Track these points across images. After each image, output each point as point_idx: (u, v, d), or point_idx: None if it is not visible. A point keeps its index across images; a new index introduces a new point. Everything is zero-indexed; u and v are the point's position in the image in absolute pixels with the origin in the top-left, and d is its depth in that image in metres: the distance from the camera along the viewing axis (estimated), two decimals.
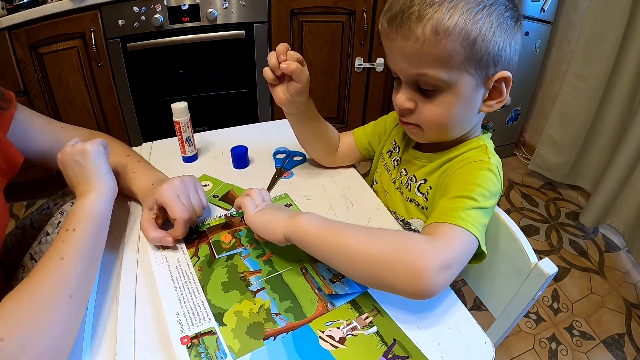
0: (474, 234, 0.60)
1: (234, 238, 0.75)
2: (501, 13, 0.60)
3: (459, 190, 0.64)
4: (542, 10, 2.12)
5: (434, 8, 0.59)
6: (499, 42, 0.61)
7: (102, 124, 2.09)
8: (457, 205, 0.62)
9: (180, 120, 0.93)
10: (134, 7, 1.82)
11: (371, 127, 0.96)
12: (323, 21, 2.08)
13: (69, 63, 1.89)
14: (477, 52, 0.60)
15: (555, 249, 1.98)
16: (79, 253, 0.63)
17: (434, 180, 0.75)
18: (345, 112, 2.42)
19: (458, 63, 0.61)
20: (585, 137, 2.14)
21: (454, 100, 0.65)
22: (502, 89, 0.66)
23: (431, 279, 0.53)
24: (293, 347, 0.56)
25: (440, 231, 0.60)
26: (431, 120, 0.69)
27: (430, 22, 0.59)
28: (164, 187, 0.73)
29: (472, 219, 0.61)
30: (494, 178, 0.67)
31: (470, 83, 0.64)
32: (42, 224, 0.89)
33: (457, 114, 0.67)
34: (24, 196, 2.27)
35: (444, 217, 0.61)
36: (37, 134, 0.82)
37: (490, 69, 0.63)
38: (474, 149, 0.72)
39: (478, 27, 0.59)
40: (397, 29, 0.62)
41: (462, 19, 0.58)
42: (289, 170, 0.96)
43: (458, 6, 0.58)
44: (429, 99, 0.67)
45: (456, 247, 0.58)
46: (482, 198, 0.63)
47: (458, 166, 0.70)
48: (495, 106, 0.68)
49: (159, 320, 0.61)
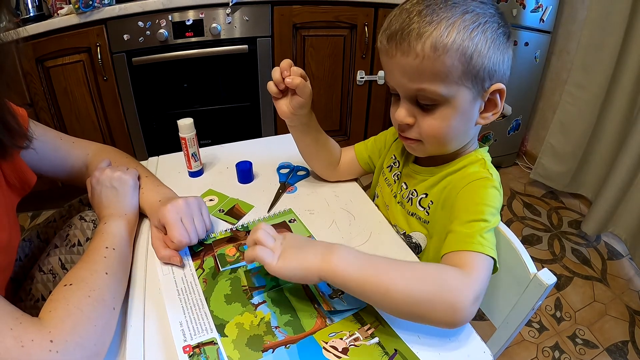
0: (492, 256, 0.63)
1: (238, 252, 0.77)
2: (494, 30, 0.64)
3: (470, 213, 0.66)
4: (541, 21, 2.14)
5: (433, 26, 0.62)
6: (493, 57, 0.64)
7: (107, 136, 2.12)
8: (473, 231, 0.64)
9: (186, 136, 0.95)
10: (139, 22, 1.86)
11: (372, 142, 0.98)
12: (325, 35, 2.10)
13: (75, 76, 1.91)
14: (474, 67, 0.63)
15: (558, 258, 1.98)
16: (120, 269, 0.68)
17: (435, 195, 0.77)
18: (347, 125, 2.44)
19: (456, 78, 0.64)
20: (586, 146, 2.15)
21: (453, 113, 0.67)
22: (497, 101, 0.69)
23: (467, 312, 0.57)
24: (298, 357, 0.58)
25: (466, 262, 0.61)
26: (431, 134, 0.71)
27: (430, 39, 0.62)
28: (168, 208, 0.75)
29: (488, 242, 0.64)
30: (497, 194, 0.69)
31: (467, 96, 0.66)
32: (49, 236, 0.91)
33: (456, 126, 0.70)
34: (30, 207, 2.29)
35: (465, 245, 0.63)
36: (50, 150, 0.85)
37: (485, 83, 0.66)
38: (473, 162, 0.74)
39: (474, 44, 0.62)
40: (397, 46, 0.65)
41: (460, 36, 0.61)
42: (292, 185, 0.97)
43: (455, 24, 0.61)
44: (428, 113, 0.69)
45: (483, 276, 0.61)
46: (491, 217, 0.66)
47: (461, 183, 0.72)
48: (491, 118, 0.71)
49: (164, 328, 0.63)
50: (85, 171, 0.89)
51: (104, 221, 0.75)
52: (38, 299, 0.79)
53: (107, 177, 0.81)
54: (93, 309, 0.58)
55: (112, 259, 0.68)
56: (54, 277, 0.81)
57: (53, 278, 0.81)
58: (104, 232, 0.72)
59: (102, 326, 0.58)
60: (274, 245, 0.63)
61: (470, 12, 0.63)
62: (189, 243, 0.74)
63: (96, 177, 0.81)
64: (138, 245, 0.80)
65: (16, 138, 0.69)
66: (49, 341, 0.51)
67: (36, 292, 0.80)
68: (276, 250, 0.62)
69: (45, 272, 0.80)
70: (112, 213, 0.77)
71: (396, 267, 0.60)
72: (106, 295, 0.62)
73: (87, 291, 0.60)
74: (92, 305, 0.59)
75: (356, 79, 2.25)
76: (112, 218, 0.76)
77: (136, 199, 0.83)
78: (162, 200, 0.80)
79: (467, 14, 0.62)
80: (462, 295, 0.57)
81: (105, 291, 0.62)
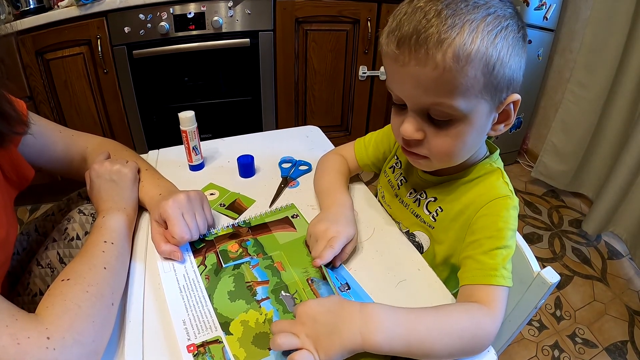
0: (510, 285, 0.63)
1: (240, 248, 0.76)
2: (515, 33, 0.57)
3: (493, 240, 0.65)
4: (544, 19, 2.13)
5: (455, 30, 0.53)
6: (513, 65, 0.58)
7: (107, 130, 2.11)
8: (496, 262, 0.63)
9: (187, 130, 0.94)
10: (140, 15, 1.84)
11: (373, 146, 0.92)
12: (327, 30, 2.09)
13: (75, 69, 1.90)
14: (495, 78, 0.57)
15: (558, 257, 1.98)
16: (119, 264, 0.67)
17: (447, 204, 0.74)
18: (349, 121, 2.43)
19: (477, 91, 0.57)
20: (587, 145, 2.14)
21: (468, 129, 0.61)
22: (510, 112, 0.63)
23: (491, 343, 0.60)
24: None
25: (491, 298, 0.61)
26: (442, 152, 0.64)
27: (452, 47, 0.53)
28: (170, 203, 0.74)
29: (509, 272, 0.63)
30: (516, 214, 0.68)
31: (484, 110, 0.60)
32: (47, 229, 0.90)
33: (469, 142, 0.64)
34: (28, 201, 2.28)
35: (489, 279, 0.62)
36: (49, 144, 0.84)
37: (503, 94, 0.60)
38: (490, 173, 0.71)
39: (497, 51, 0.55)
40: (411, 53, 0.56)
41: (484, 43, 0.54)
42: (294, 180, 0.96)
43: (479, 28, 0.54)
44: (441, 129, 0.62)
45: (504, 307, 0.62)
46: (512, 242, 0.65)
47: (480, 200, 0.68)
48: (503, 129, 0.66)
49: (167, 327, 0.62)
50: (85, 165, 0.88)
51: (103, 215, 0.74)
52: (36, 294, 0.78)
53: (106, 170, 0.80)
54: (91, 305, 0.57)
55: (110, 254, 0.67)
56: (52, 271, 0.80)
57: (51, 272, 0.80)
58: (102, 226, 0.71)
59: (100, 322, 0.57)
60: (302, 342, 0.54)
61: (492, 13, 0.55)
62: (190, 239, 0.74)
63: (95, 170, 0.80)
64: (137, 240, 0.79)
65: (14, 125, 0.67)
66: (45, 338, 0.50)
67: (34, 286, 0.79)
68: (307, 346, 0.54)
69: (43, 266, 0.79)
70: (111, 207, 0.76)
71: (435, 326, 0.57)
72: (105, 290, 0.61)
73: (85, 286, 0.59)
74: (90, 301, 0.57)
75: (358, 74, 2.24)
76: (111, 212, 0.75)
77: (135, 192, 0.82)
78: (163, 194, 0.79)
79: (489, 16, 0.55)
80: (491, 335, 0.59)
81: (103, 286, 0.61)
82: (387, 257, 0.75)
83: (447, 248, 0.74)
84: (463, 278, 0.66)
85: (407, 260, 0.74)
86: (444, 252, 0.75)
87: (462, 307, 0.61)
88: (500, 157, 0.75)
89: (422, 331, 0.56)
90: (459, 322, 0.58)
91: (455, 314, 0.59)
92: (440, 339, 0.56)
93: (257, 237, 0.79)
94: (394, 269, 0.72)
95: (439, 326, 0.57)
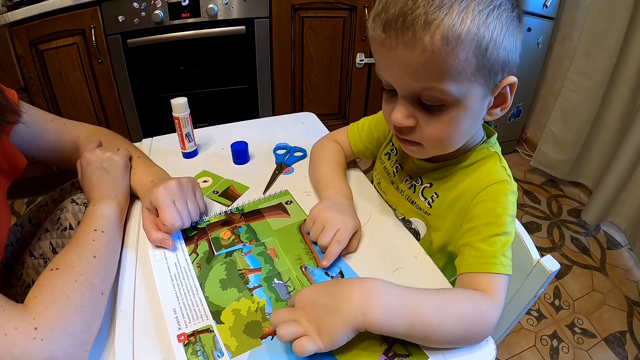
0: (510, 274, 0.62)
1: (233, 235, 0.75)
2: (509, 12, 0.55)
3: (492, 226, 0.63)
4: (544, 6, 2.11)
5: (444, 11, 0.51)
6: (508, 46, 0.55)
7: (102, 120, 2.09)
8: (495, 249, 0.61)
9: (180, 116, 0.92)
10: (134, 3, 1.82)
11: (366, 131, 0.90)
12: (324, 17, 2.07)
13: (69, 60, 1.88)
14: (489, 60, 0.54)
15: (557, 246, 1.97)
16: (109, 253, 0.66)
17: (443, 190, 0.72)
18: (346, 108, 2.41)
19: (469, 74, 0.54)
20: (587, 134, 2.13)
21: (462, 114, 0.59)
22: (507, 95, 0.61)
23: (492, 330, 0.58)
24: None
25: (491, 286, 0.60)
26: (435, 138, 0.62)
27: (440, 29, 0.51)
28: (160, 190, 0.72)
29: (508, 260, 0.62)
30: (514, 199, 0.66)
31: (478, 94, 0.58)
32: (40, 220, 0.89)
33: (464, 128, 0.62)
34: (25, 193, 2.27)
35: (489, 267, 0.61)
36: (40, 132, 0.82)
37: (498, 76, 0.58)
38: (487, 158, 0.69)
39: (490, 32, 0.52)
40: (398, 36, 0.53)
41: (475, 24, 0.51)
42: (289, 166, 0.95)
43: (469, 7, 0.51)
44: (433, 114, 0.60)
45: (505, 295, 0.60)
46: (511, 228, 0.64)
47: (478, 185, 0.67)
48: (499, 114, 0.63)
49: (158, 317, 0.61)
50: (77, 153, 0.87)
51: (94, 203, 0.73)
52: (29, 285, 0.77)
53: (97, 158, 0.78)
54: (80, 295, 0.56)
55: (101, 242, 0.66)
56: (45, 262, 0.79)
57: (44, 263, 0.78)
58: (93, 214, 0.70)
59: (89, 312, 0.56)
60: (304, 329, 0.53)
61: None
62: (181, 226, 0.72)
63: (86, 158, 0.79)
64: (129, 228, 0.77)
65: (6, 114, 0.67)
66: (33, 328, 0.49)
67: (27, 277, 0.78)
68: (310, 331, 0.53)
69: (36, 257, 0.78)
70: (102, 195, 0.75)
71: (437, 309, 0.56)
72: (94, 279, 0.60)
73: (74, 275, 0.58)
74: (79, 291, 0.56)
75: (355, 61, 2.21)
76: (101, 200, 0.74)
77: (127, 180, 0.80)
78: (155, 181, 0.77)
79: None
80: (492, 323, 0.57)
81: (93, 275, 0.60)
82: (383, 245, 0.74)
83: (443, 235, 0.73)
84: (461, 266, 0.64)
85: (403, 248, 0.73)
86: (440, 239, 0.73)
87: (465, 293, 0.60)
88: (498, 141, 0.73)
89: (424, 309, 0.55)
90: (462, 307, 0.57)
91: (458, 299, 0.58)
92: (442, 323, 0.55)
93: (250, 223, 0.77)
94: (391, 256, 0.71)
95: (442, 310, 0.56)
